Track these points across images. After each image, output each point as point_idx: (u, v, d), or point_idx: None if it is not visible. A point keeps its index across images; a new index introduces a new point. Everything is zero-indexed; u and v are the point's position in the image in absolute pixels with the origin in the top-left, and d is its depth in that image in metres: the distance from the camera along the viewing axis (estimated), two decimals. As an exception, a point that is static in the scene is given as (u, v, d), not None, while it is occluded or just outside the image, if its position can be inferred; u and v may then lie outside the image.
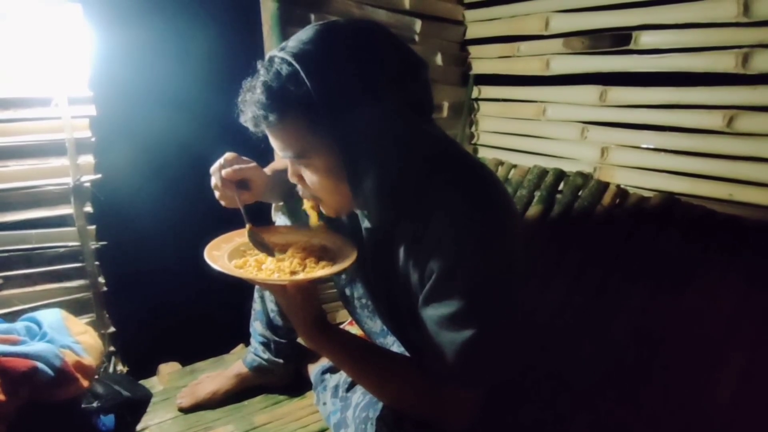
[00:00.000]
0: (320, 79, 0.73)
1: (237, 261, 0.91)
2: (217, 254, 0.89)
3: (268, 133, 0.81)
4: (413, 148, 0.80)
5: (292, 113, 0.75)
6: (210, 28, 1.71)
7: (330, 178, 0.81)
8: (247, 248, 0.95)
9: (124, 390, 1.29)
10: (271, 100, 0.74)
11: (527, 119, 1.68)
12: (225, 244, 0.94)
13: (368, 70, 0.75)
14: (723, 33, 1.21)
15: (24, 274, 1.37)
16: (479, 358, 0.81)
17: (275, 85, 0.74)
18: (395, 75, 0.76)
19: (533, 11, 1.60)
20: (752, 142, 1.20)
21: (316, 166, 0.80)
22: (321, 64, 0.74)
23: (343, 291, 1.20)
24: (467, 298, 0.78)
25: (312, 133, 0.76)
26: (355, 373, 0.92)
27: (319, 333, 0.87)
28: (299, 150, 0.79)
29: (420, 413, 0.87)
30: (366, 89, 0.74)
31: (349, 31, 0.78)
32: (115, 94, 1.50)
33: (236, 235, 0.97)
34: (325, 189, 0.83)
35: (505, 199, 0.85)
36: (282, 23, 1.46)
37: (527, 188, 1.51)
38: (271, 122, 0.76)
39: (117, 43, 1.48)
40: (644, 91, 1.38)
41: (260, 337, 1.30)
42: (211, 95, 1.74)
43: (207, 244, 0.93)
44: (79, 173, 1.39)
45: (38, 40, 1.28)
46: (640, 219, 1.29)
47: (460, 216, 0.78)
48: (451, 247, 0.78)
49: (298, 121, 0.76)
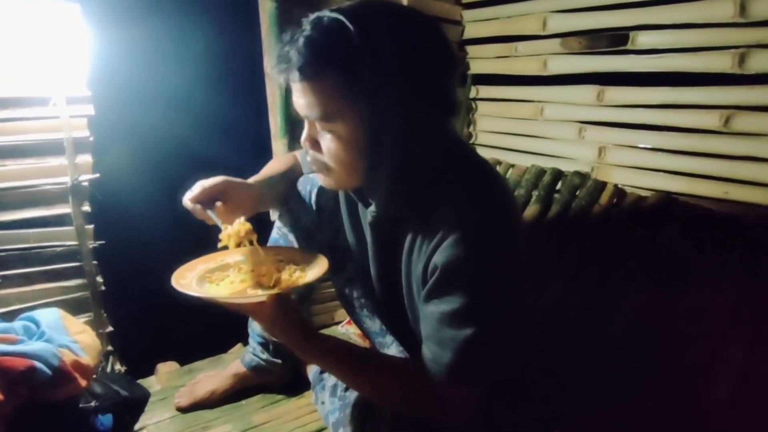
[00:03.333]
0: (372, 44, 0.71)
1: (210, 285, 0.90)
2: (184, 282, 0.88)
3: (295, 90, 0.77)
4: (432, 143, 0.81)
5: (331, 69, 0.73)
6: (208, 28, 1.71)
7: (349, 149, 0.78)
8: (212, 273, 0.94)
9: (122, 389, 1.29)
10: (314, 51, 0.72)
11: (525, 119, 1.68)
12: (189, 273, 0.93)
13: (415, 54, 0.74)
14: (720, 33, 1.22)
15: (22, 273, 1.37)
16: (480, 356, 0.81)
17: (322, 38, 0.72)
18: (436, 68, 0.77)
19: (531, 11, 1.60)
20: (749, 141, 1.20)
21: (339, 133, 0.77)
22: (375, 30, 0.72)
23: (342, 291, 1.20)
24: (469, 296, 0.78)
25: (346, 96, 0.74)
26: (346, 378, 0.92)
27: (305, 342, 0.86)
28: (327, 111, 0.76)
29: (417, 412, 0.87)
30: (412, 71, 0.74)
31: (406, 12, 0.79)
32: (114, 93, 1.50)
33: (199, 263, 0.96)
34: (341, 160, 0.80)
35: (509, 199, 0.85)
36: (280, 23, 1.46)
37: (525, 188, 1.52)
38: (305, 75, 0.73)
39: (115, 43, 1.48)
40: (641, 91, 1.38)
41: (258, 338, 1.30)
42: (209, 95, 1.75)
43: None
44: (77, 172, 1.38)
45: (37, 40, 1.28)
46: (638, 218, 1.29)
47: (466, 214, 0.78)
48: (456, 244, 0.78)
49: (336, 80, 0.73)
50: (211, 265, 0.96)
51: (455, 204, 0.80)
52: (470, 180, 0.83)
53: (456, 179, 0.82)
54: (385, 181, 0.80)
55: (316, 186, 1.11)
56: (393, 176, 0.80)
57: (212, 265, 0.96)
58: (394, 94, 0.73)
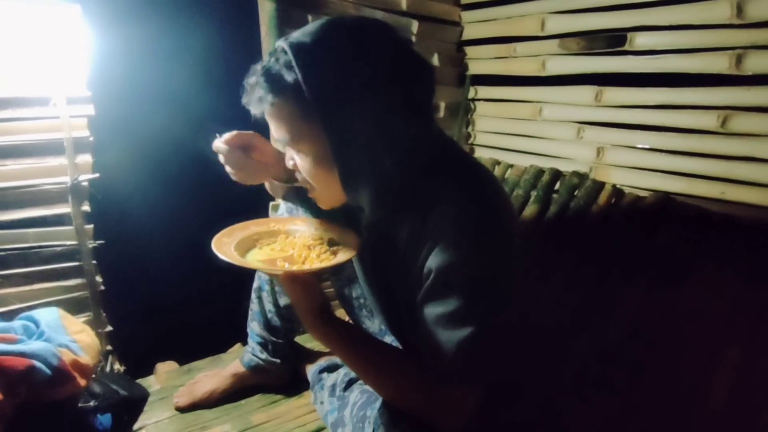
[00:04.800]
0: (312, 70, 0.75)
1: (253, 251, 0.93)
2: (226, 241, 0.91)
3: (266, 116, 0.83)
4: (411, 148, 0.81)
5: (284, 98, 0.78)
6: (208, 28, 1.71)
7: (319, 167, 0.83)
8: (260, 237, 0.97)
9: (121, 389, 1.29)
10: (268, 83, 0.78)
11: (524, 119, 1.69)
12: (239, 232, 0.96)
13: (365, 67, 0.76)
14: (717, 34, 1.22)
15: (21, 272, 1.37)
16: (476, 357, 0.82)
17: (273, 70, 0.78)
18: (395, 74, 0.77)
19: (529, 12, 1.61)
20: (746, 142, 1.21)
21: (306, 152, 0.83)
22: (315, 56, 0.76)
23: (341, 291, 1.21)
24: (465, 297, 0.79)
25: (303, 119, 0.79)
26: (355, 365, 0.92)
27: (322, 323, 0.88)
28: (290, 134, 0.82)
29: (416, 410, 0.87)
30: (361, 86, 0.76)
31: (350, 27, 0.80)
32: (114, 93, 1.50)
33: (252, 224, 0.99)
34: (316, 178, 0.85)
35: (502, 199, 0.86)
36: (279, 24, 1.46)
37: (524, 188, 1.52)
38: (266, 103, 0.80)
39: (116, 44, 1.48)
40: (639, 92, 1.39)
41: (258, 338, 1.30)
42: (209, 95, 1.75)
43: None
44: (77, 172, 1.39)
45: (37, 40, 1.29)
46: (636, 218, 1.30)
47: (460, 216, 0.79)
48: (450, 246, 0.78)
49: (290, 106, 0.79)
50: (262, 228, 0.99)
51: (447, 205, 0.80)
52: (463, 181, 0.83)
53: (449, 181, 0.83)
54: (364, 191, 0.83)
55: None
56: (371, 188, 0.82)
57: (263, 228, 0.99)
58: (352, 113, 0.76)
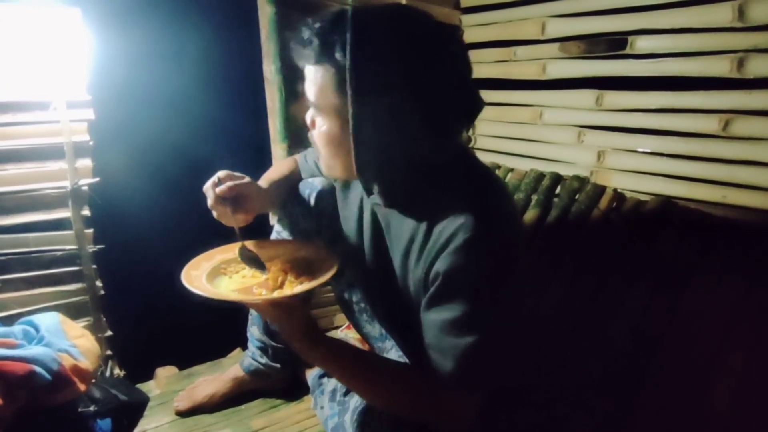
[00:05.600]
0: (362, 53, 0.74)
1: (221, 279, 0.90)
2: (195, 273, 0.88)
3: (305, 71, 0.83)
4: (426, 153, 0.81)
5: (326, 65, 0.77)
6: (208, 33, 1.72)
7: (332, 141, 0.83)
8: (228, 265, 0.94)
9: (120, 394, 1.28)
10: (319, 45, 0.77)
11: (524, 123, 1.68)
12: (206, 263, 0.93)
13: (413, 69, 0.75)
14: (718, 38, 1.22)
15: (21, 277, 1.37)
16: (481, 364, 0.81)
17: (327, 35, 0.76)
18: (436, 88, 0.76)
19: (530, 16, 1.61)
20: (748, 145, 1.20)
21: (325, 122, 0.82)
22: (371, 39, 0.74)
23: (341, 295, 1.20)
24: (471, 304, 0.78)
25: (335, 92, 0.78)
26: (351, 382, 0.91)
27: (312, 345, 0.86)
28: (317, 100, 0.81)
29: (418, 417, 0.87)
30: (402, 85, 0.74)
31: (418, 27, 0.78)
32: (114, 98, 1.51)
33: (217, 253, 0.96)
34: (324, 147, 0.86)
35: (511, 208, 0.86)
36: (280, 28, 1.46)
37: (524, 192, 1.52)
38: (309, 62, 0.79)
39: (116, 48, 1.49)
40: (640, 96, 1.38)
41: (257, 342, 1.30)
42: (209, 100, 1.75)
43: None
44: (77, 177, 1.39)
45: (37, 44, 1.29)
46: (637, 222, 1.29)
47: (470, 223, 0.78)
48: (459, 251, 0.78)
49: (329, 75, 0.78)
50: (228, 256, 0.96)
51: (458, 211, 0.80)
52: (474, 188, 0.83)
53: (459, 186, 0.83)
54: (375, 179, 0.83)
55: (315, 190, 1.12)
56: (381, 177, 0.82)
57: (230, 256, 0.97)
58: (382, 103, 0.75)
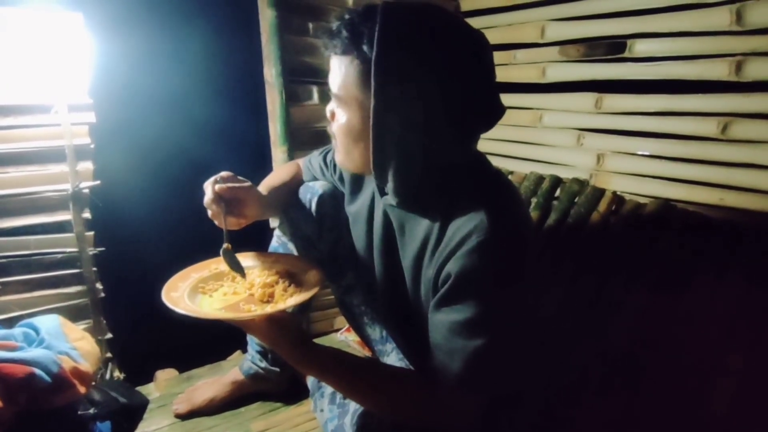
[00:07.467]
0: (389, 51, 0.74)
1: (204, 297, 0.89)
2: (175, 295, 0.86)
3: (330, 60, 0.83)
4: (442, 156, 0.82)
5: (352, 57, 0.78)
6: (209, 36, 1.72)
7: (349, 134, 0.84)
8: (205, 284, 0.93)
9: (120, 396, 1.28)
10: (347, 36, 0.78)
11: (524, 126, 1.69)
12: (181, 282, 0.91)
13: (438, 75, 0.75)
14: (717, 41, 1.22)
15: (22, 279, 1.37)
16: (489, 366, 0.81)
17: (357, 28, 0.77)
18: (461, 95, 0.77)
19: (529, 20, 1.61)
20: (746, 148, 1.21)
21: (345, 114, 0.83)
22: (400, 38, 0.74)
23: (342, 299, 1.21)
24: (482, 306, 0.78)
25: (358, 86, 0.79)
26: (346, 390, 0.91)
27: (307, 357, 0.85)
28: (339, 91, 0.82)
29: (420, 421, 0.86)
30: (425, 89, 0.75)
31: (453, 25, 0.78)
32: (115, 101, 1.51)
33: (192, 271, 0.95)
34: (341, 139, 0.86)
35: (524, 212, 0.87)
36: (280, 32, 1.47)
37: (524, 195, 1.52)
38: (336, 52, 0.80)
39: (117, 51, 1.49)
40: (639, 99, 1.39)
41: (257, 346, 1.30)
42: (210, 103, 1.76)
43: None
44: (78, 180, 1.39)
45: (39, 48, 1.29)
46: (636, 225, 1.29)
47: (484, 226, 0.78)
48: (472, 253, 0.78)
49: (353, 68, 0.78)
50: (204, 273, 0.95)
51: (473, 213, 0.80)
52: (488, 191, 0.83)
53: (474, 189, 0.83)
54: (389, 177, 0.82)
55: (316, 195, 1.12)
56: (398, 174, 0.81)
57: (206, 273, 0.95)
58: (403, 104, 0.75)
